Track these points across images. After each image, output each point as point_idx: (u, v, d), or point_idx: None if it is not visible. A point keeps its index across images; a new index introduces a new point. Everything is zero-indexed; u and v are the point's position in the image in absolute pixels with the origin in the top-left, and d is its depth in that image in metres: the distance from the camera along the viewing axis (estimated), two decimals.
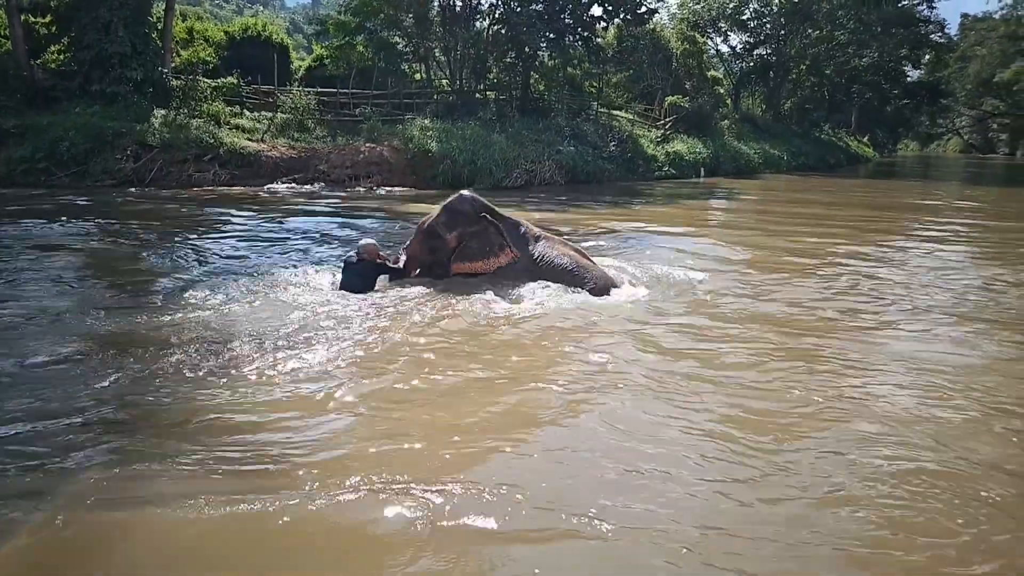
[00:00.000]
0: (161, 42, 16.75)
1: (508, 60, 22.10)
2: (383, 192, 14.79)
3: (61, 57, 16.22)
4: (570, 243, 6.08)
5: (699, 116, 25.92)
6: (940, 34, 43.87)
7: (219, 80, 17.11)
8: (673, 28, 32.82)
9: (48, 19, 16.98)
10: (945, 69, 49.80)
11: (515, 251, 5.57)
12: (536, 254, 5.63)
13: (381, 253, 5.79)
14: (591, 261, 5.84)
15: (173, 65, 17.85)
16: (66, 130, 13.28)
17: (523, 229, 5.79)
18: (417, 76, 23.63)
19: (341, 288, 5.47)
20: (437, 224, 5.66)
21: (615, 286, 5.61)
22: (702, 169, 23.02)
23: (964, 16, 65.99)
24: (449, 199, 5.80)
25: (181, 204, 11.41)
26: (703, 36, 33.55)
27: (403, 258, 5.82)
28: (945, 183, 26.82)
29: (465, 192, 5.87)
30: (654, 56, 27.66)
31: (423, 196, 14.18)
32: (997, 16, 59.98)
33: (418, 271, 5.80)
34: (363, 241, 5.85)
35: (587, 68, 24.68)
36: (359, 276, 5.53)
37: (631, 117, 25.16)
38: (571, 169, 18.16)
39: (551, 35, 21.23)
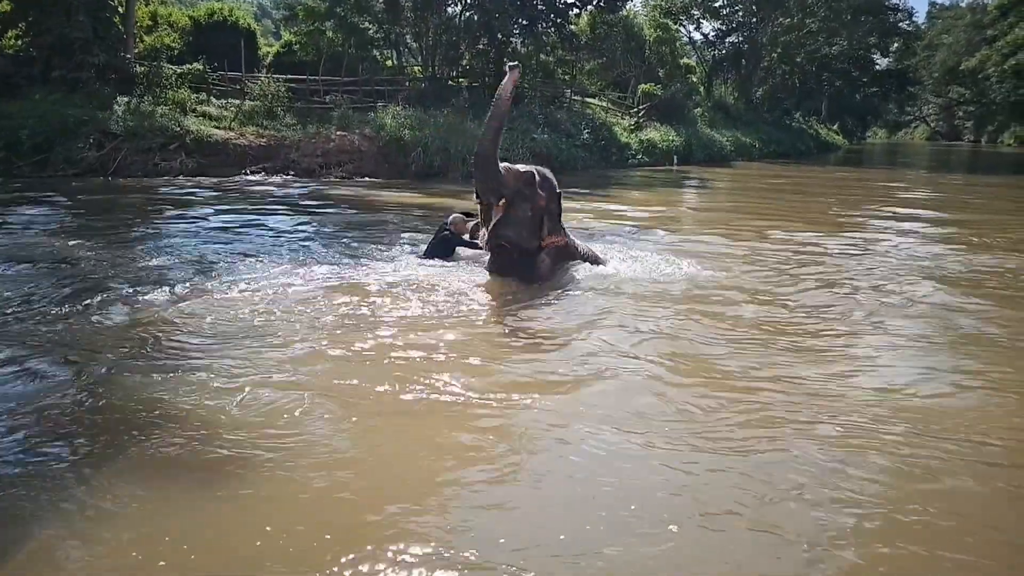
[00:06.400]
0: (124, 27, 16.32)
1: (481, 47, 21.90)
2: (351, 180, 14.60)
3: (19, 42, 15.72)
4: None
5: (672, 104, 26.00)
6: (908, 22, 44.62)
7: (184, 66, 16.70)
8: (646, 15, 32.82)
9: (5, 3, 16.42)
10: (913, 57, 50.63)
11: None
12: None
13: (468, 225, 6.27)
14: None
15: (136, 51, 17.42)
16: (26, 118, 12.82)
17: None
18: (388, 63, 23.34)
19: (425, 255, 6.16)
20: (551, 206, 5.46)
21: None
22: (675, 157, 23.09)
23: (932, 4, 67.04)
24: (535, 170, 5.52)
25: (145, 193, 11.15)
26: (676, 23, 33.61)
27: (482, 233, 5.57)
28: (912, 171, 27.19)
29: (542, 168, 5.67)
30: (627, 44, 27.63)
31: (396, 185, 14.06)
32: (963, 4, 61.14)
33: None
34: (452, 216, 6.41)
35: (560, 55, 24.56)
36: (443, 245, 6.18)
37: (605, 105, 25.15)
38: (545, 157, 18.00)
39: (524, 22, 21.09)
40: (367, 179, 14.85)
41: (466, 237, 6.24)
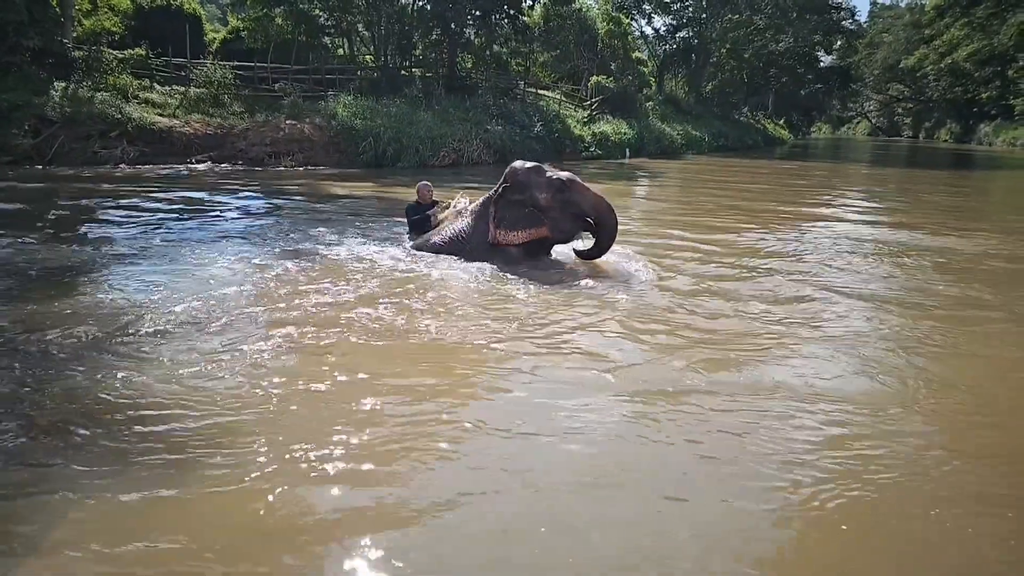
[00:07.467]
0: (61, 10, 15.68)
1: (434, 37, 21.73)
2: (301, 169, 14.36)
3: None
4: None
5: (624, 97, 26.23)
6: (851, 21, 45.94)
7: (126, 52, 16.14)
8: (599, 8, 32.99)
9: None
10: (855, 55, 52.07)
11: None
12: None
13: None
14: None
15: (75, 35, 16.74)
16: None
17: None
18: (340, 51, 22.99)
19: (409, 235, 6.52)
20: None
21: None
22: (627, 150, 23.31)
23: (873, 4, 69.02)
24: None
25: (84, 183, 10.78)
26: (628, 17, 33.87)
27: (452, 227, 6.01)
28: (855, 165, 28.00)
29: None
30: (580, 36, 27.76)
31: (348, 175, 13.87)
32: (903, 4, 63.17)
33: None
34: (418, 184, 6.77)
35: (514, 47, 24.52)
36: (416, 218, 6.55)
37: (558, 97, 25.23)
38: (499, 149, 18.06)
39: (477, 12, 20.97)
40: (318, 169, 14.63)
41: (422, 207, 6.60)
